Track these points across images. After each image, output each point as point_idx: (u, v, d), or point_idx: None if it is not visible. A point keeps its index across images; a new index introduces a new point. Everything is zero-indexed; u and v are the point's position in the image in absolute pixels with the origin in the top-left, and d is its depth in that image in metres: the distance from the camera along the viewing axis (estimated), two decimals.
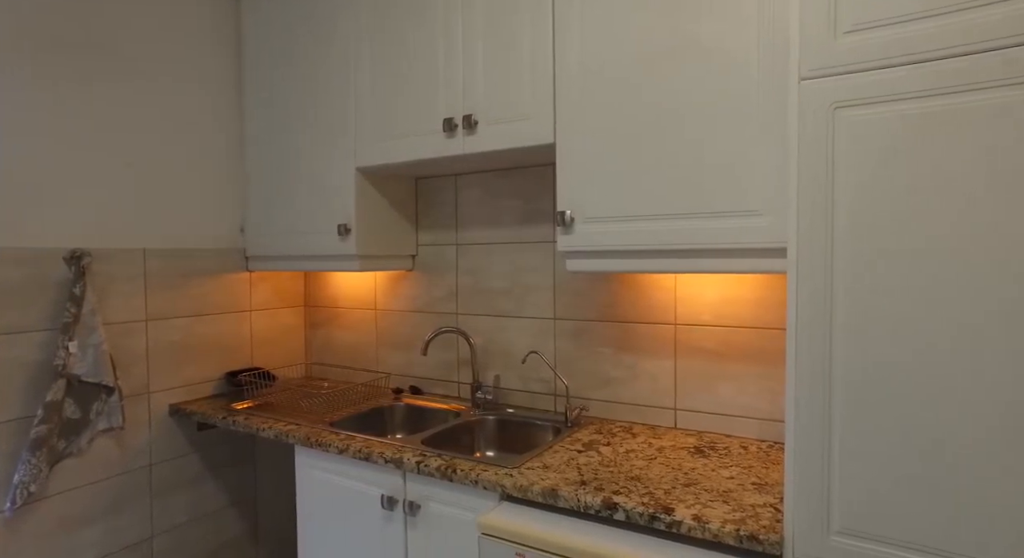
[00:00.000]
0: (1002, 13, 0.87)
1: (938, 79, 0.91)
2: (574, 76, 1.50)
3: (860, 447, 0.97)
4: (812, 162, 1.00)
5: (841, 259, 0.98)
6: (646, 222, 1.41)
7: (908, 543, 0.94)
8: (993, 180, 0.87)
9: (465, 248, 2.09)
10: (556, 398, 1.91)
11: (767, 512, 1.15)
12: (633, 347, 1.77)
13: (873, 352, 0.96)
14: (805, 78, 1.01)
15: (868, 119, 0.96)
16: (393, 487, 1.52)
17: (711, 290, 1.65)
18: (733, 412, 1.63)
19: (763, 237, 1.27)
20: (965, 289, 0.89)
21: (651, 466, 1.40)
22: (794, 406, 1.03)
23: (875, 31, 0.95)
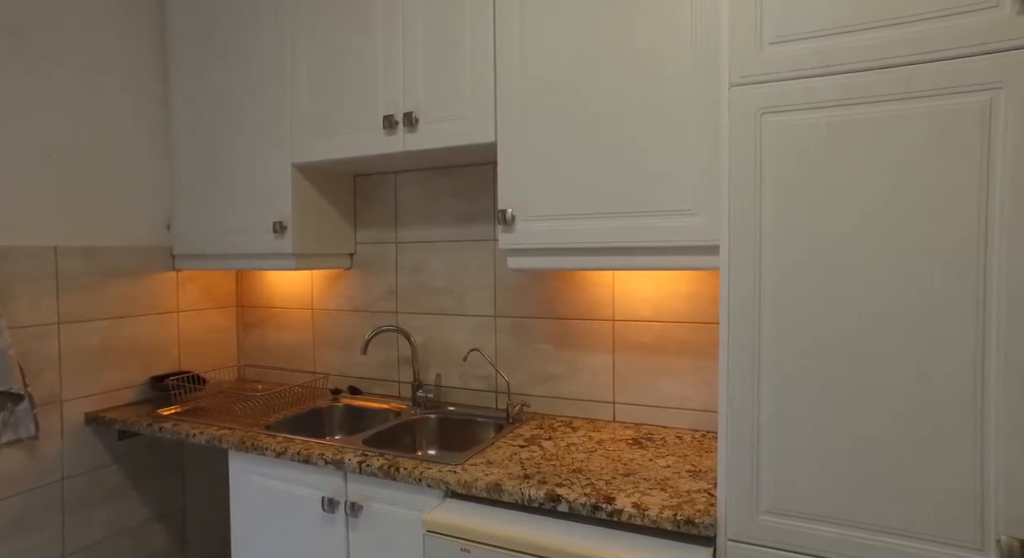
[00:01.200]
0: (904, 34, 0.95)
1: (849, 90, 0.98)
2: (514, 76, 1.52)
3: (784, 433, 1.04)
4: (742, 164, 1.06)
5: (768, 256, 1.05)
6: (586, 220, 1.44)
7: (824, 517, 1.01)
8: (899, 183, 0.95)
9: (405, 246, 2.07)
10: (498, 395, 1.92)
11: (702, 497, 1.20)
12: (573, 343, 1.81)
13: (795, 343, 1.03)
14: (734, 85, 1.07)
15: (790, 125, 1.02)
16: (334, 489, 1.49)
17: (648, 286, 1.71)
18: (669, 404, 1.70)
19: (697, 235, 1.33)
20: (876, 284, 0.97)
21: (592, 458, 1.44)
22: (726, 396, 1.08)
23: (796, 43, 1.02)
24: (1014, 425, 0.90)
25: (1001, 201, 0.90)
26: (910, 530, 0.96)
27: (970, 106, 0.91)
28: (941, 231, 0.93)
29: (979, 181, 0.91)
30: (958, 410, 0.93)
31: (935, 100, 0.93)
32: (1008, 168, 0.89)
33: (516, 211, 1.53)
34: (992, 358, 0.91)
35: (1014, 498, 0.90)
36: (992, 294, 0.91)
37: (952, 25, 0.92)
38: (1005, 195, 0.89)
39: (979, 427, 0.92)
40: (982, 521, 0.92)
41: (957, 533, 0.93)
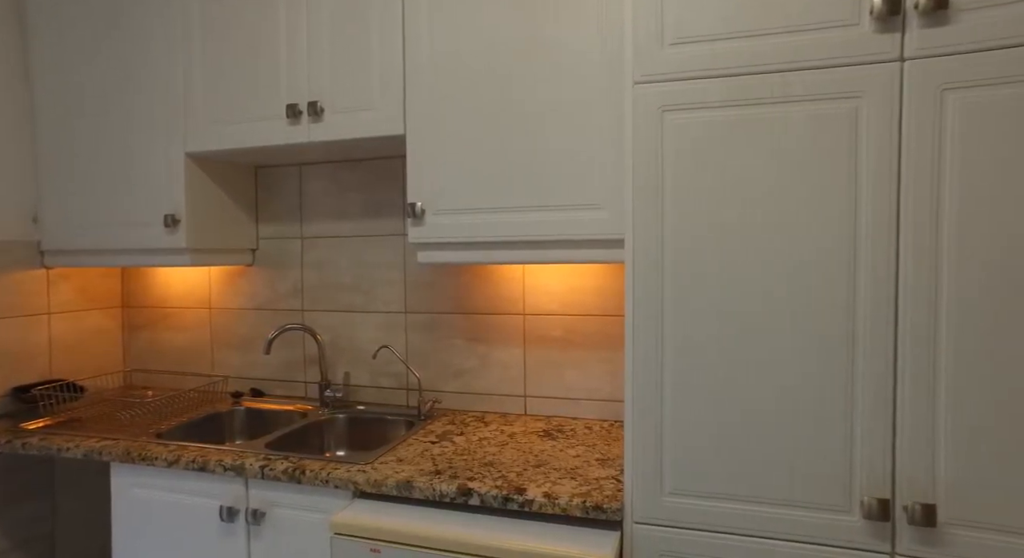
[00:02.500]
0: (784, 42, 1.03)
1: (738, 92, 1.05)
2: (424, 68, 1.50)
3: (685, 416, 1.09)
4: (645, 160, 1.10)
5: (670, 249, 1.09)
6: (495, 214, 1.45)
7: (721, 494, 1.08)
8: (783, 178, 1.03)
9: (311, 241, 1.99)
10: (409, 392, 1.89)
11: (610, 484, 1.24)
12: (484, 338, 1.81)
13: (695, 330, 1.08)
14: (638, 82, 1.11)
15: (687, 123, 1.08)
16: (234, 496, 1.41)
17: (557, 280, 1.74)
18: (579, 396, 1.74)
19: (603, 229, 1.37)
20: (765, 271, 1.04)
21: (503, 451, 1.45)
22: (632, 384, 1.13)
23: (692, 45, 1.08)
24: (877, 395, 0.99)
25: (867, 195, 0.99)
26: (792, 499, 1.04)
27: (839, 111, 1.00)
28: (819, 222, 1.02)
29: (849, 178, 1.00)
30: (834, 382, 1.02)
31: (810, 104, 1.01)
32: (872, 167, 0.99)
33: (426, 205, 1.51)
34: (860, 335, 1.00)
35: (875, 462, 1.00)
36: (860, 278, 1.00)
37: (823, 37, 1.01)
38: (870, 190, 0.99)
39: (851, 397, 1.01)
40: (850, 485, 1.01)
41: (830, 498, 1.02)
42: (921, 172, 0.97)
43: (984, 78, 0.94)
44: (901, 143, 0.98)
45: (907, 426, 0.99)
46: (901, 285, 0.98)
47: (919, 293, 0.97)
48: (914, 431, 0.98)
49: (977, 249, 0.95)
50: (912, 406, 0.98)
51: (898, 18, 0.98)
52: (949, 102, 0.96)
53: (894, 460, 0.99)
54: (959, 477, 0.97)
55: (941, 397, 0.97)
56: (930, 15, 0.96)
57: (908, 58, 0.97)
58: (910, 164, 0.97)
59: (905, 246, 0.98)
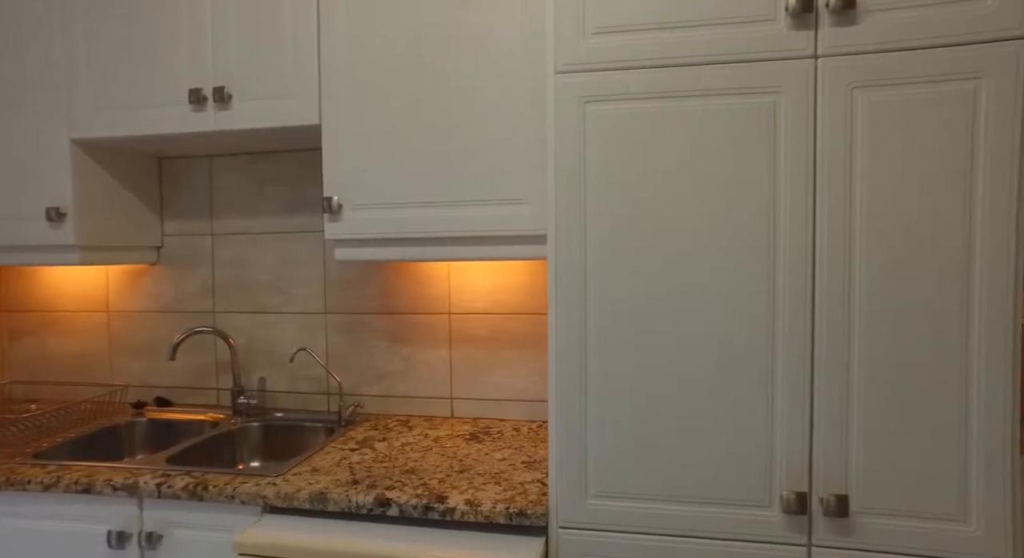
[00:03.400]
0: (704, 36, 1.02)
1: (660, 84, 1.03)
2: (340, 55, 1.41)
3: (608, 417, 1.07)
4: (567, 152, 1.07)
5: (593, 245, 1.07)
6: (417, 209, 1.38)
7: (647, 495, 1.06)
8: (704, 171, 1.02)
9: (224, 238, 1.86)
10: (329, 397, 1.79)
11: (535, 487, 1.20)
12: (409, 338, 1.74)
13: (616, 328, 1.06)
14: (560, 72, 1.07)
15: (609, 113, 1.05)
16: (125, 520, 1.27)
17: (483, 278, 1.70)
18: (506, 397, 1.70)
19: (528, 224, 1.33)
20: (689, 265, 1.03)
21: (427, 457, 1.39)
22: (555, 385, 1.09)
23: (614, 36, 1.05)
24: (795, 390, 1.00)
25: (785, 190, 0.99)
26: (716, 497, 1.03)
27: (758, 106, 1.00)
28: (740, 216, 1.01)
29: (768, 172, 1.00)
30: (755, 377, 1.02)
31: (730, 98, 1.01)
32: (789, 162, 0.99)
33: (343, 199, 1.42)
34: (779, 329, 1.00)
35: (793, 456, 1.00)
36: (779, 272, 1.00)
37: (741, 32, 1.01)
38: (788, 185, 0.99)
39: (771, 394, 1.01)
40: (770, 480, 1.01)
41: (752, 494, 1.02)
42: (835, 168, 0.98)
43: (888, 78, 0.96)
44: (816, 139, 0.99)
45: (823, 419, 1.00)
46: (817, 280, 0.99)
47: (833, 286, 0.99)
48: (830, 424, 0.99)
49: (884, 243, 0.97)
50: (827, 399, 0.99)
51: (811, 15, 0.98)
52: (859, 99, 0.97)
53: (811, 454, 1.00)
54: (869, 467, 0.98)
55: (855, 389, 0.99)
56: (840, 14, 0.97)
57: (821, 55, 0.98)
58: (824, 160, 0.98)
59: (821, 243, 0.99)
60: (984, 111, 0.93)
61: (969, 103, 0.94)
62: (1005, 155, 0.93)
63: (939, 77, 0.95)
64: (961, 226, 0.95)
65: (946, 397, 0.96)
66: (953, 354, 0.96)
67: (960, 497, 0.96)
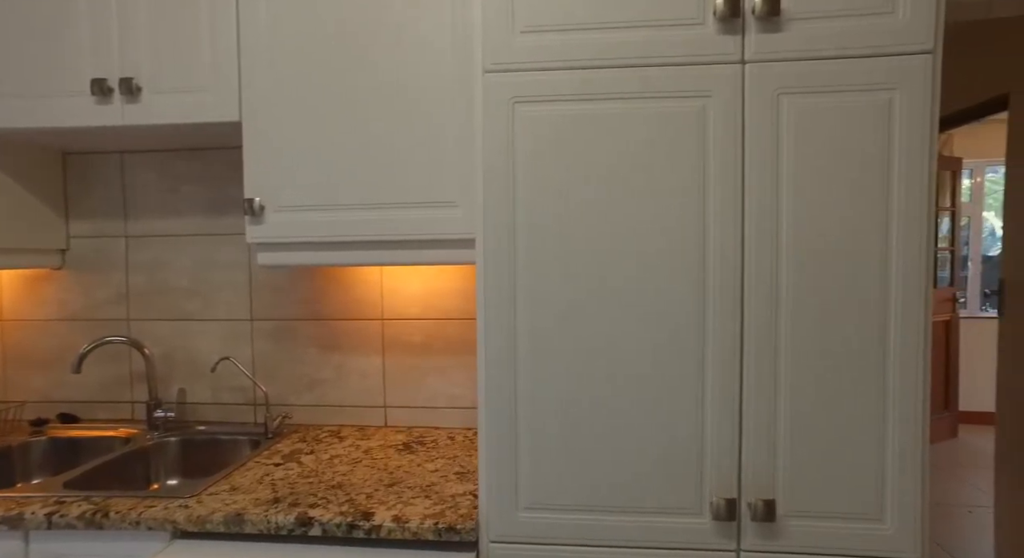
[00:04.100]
0: (636, 37, 1.00)
1: (591, 85, 1.01)
2: (261, 49, 1.33)
3: (539, 426, 1.04)
4: (496, 153, 1.04)
5: (522, 248, 1.03)
6: (345, 212, 1.32)
7: (580, 506, 1.04)
8: (633, 176, 1.00)
9: (140, 241, 1.73)
10: (256, 408, 1.70)
11: (466, 500, 1.16)
12: (340, 345, 1.67)
13: (549, 332, 1.03)
14: (488, 71, 1.04)
15: (539, 115, 1.02)
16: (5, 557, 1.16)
17: (417, 283, 1.64)
18: (441, 404, 1.65)
19: (461, 227, 1.29)
20: (621, 270, 1.01)
21: (356, 470, 1.32)
22: (485, 392, 1.05)
23: (544, 35, 1.02)
24: (725, 396, 1.00)
25: (715, 194, 0.99)
26: (647, 506, 1.02)
27: (689, 110, 0.99)
28: (671, 220, 1.00)
29: (698, 175, 0.99)
30: (685, 385, 1.01)
31: (661, 101, 1.00)
32: (718, 167, 0.99)
33: (266, 201, 1.34)
34: (710, 336, 1.00)
35: (723, 464, 1.00)
36: (709, 278, 1.00)
37: (672, 35, 1.00)
38: (717, 189, 0.99)
39: (700, 402, 1.01)
40: (701, 488, 1.01)
41: (683, 502, 1.01)
42: (763, 173, 0.98)
43: (811, 85, 0.97)
44: (744, 143, 0.99)
45: (752, 426, 1.00)
46: (746, 285, 0.99)
47: (761, 292, 0.99)
48: (758, 431, 1.00)
49: (808, 247, 0.98)
50: (756, 406, 1.00)
51: (738, 21, 0.98)
52: (784, 105, 0.98)
53: (740, 461, 1.00)
54: (795, 471, 0.99)
55: (782, 395, 0.99)
56: (766, 20, 0.98)
57: (749, 61, 0.98)
58: (753, 164, 0.99)
59: (749, 248, 0.99)
60: (899, 120, 0.95)
61: (885, 112, 0.96)
62: (918, 163, 0.96)
63: (857, 86, 0.96)
64: (879, 231, 0.97)
65: (866, 399, 0.98)
66: (873, 357, 0.98)
67: (877, 497, 0.98)
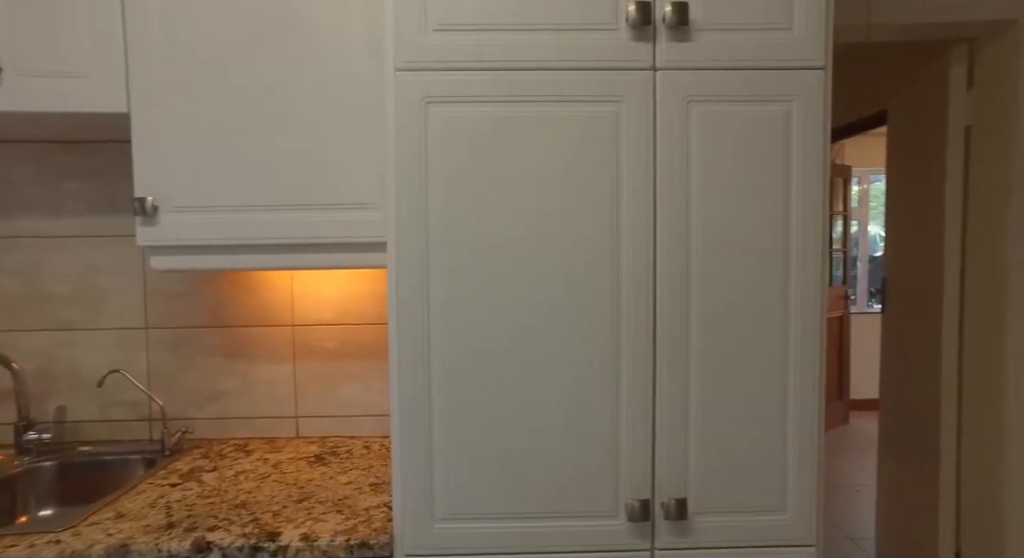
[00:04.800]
0: (551, 40, 1.00)
1: (507, 87, 1.00)
2: (151, 33, 1.22)
3: (455, 433, 1.02)
4: (408, 155, 1.00)
5: (436, 251, 1.00)
6: (250, 213, 1.24)
7: (494, 514, 1.02)
8: (548, 180, 1.00)
9: (10, 242, 1.56)
10: (151, 423, 1.57)
11: (380, 513, 1.12)
12: (247, 353, 1.57)
13: (462, 341, 1.01)
14: (400, 69, 1.00)
15: (454, 117, 1.00)
16: None
17: (331, 287, 1.57)
18: (357, 412, 1.59)
19: (375, 230, 1.24)
20: (534, 276, 1.01)
21: (263, 486, 1.25)
22: (398, 400, 1.02)
23: (459, 34, 1.00)
24: (639, 401, 1.01)
25: (628, 198, 1.00)
26: (565, 511, 1.02)
27: (603, 115, 1.00)
28: (586, 225, 1.00)
29: (611, 180, 1.00)
30: (601, 389, 1.01)
31: (576, 106, 1.00)
32: (631, 172, 1.00)
33: (160, 200, 1.24)
34: (624, 341, 1.01)
35: (637, 465, 1.02)
36: (623, 282, 1.01)
37: (586, 39, 1.00)
38: (630, 194, 1.00)
39: (615, 406, 1.02)
40: (616, 490, 1.02)
41: (599, 505, 1.02)
42: (673, 179, 1.00)
43: (718, 94, 1.00)
44: (656, 149, 1.00)
45: (665, 428, 1.02)
46: (658, 290, 1.01)
47: (674, 296, 1.01)
48: (670, 432, 1.02)
49: (716, 252, 1.01)
50: (668, 408, 1.02)
51: (650, 28, 1.00)
52: (694, 113, 1.00)
53: (654, 462, 1.02)
54: (705, 469, 1.02)
55: (693, 396, 1.02)
56: (676, 29, 1.00)
57: (660, 68, 1.00)
58: (664, 170, 1.00)
59: (661, 253, 1.01)
60: (796, 130, 1.00)
61: (784, 122, 1.01)
62: (814, 171, 1.01)
63: (760, 97, 1.00)
64: (780, 235, 1.01)
65: (769, 399, 1.02)
66: (775, 356, 1.02)
67: (779, 489, 1.03)
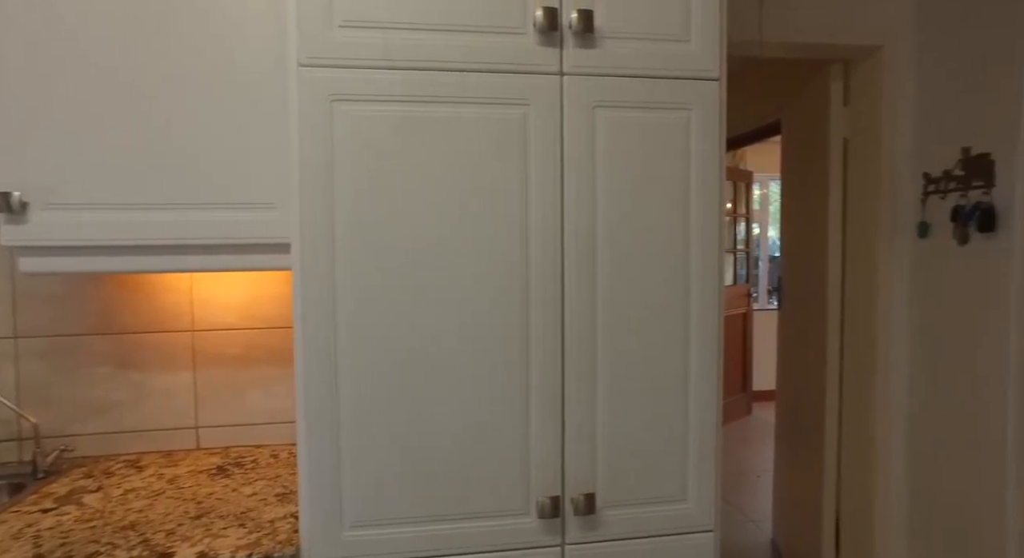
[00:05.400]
0: (460, 41, 1.00)
1: (414, 87, 0.98)
2: (17, 12, 1.11)
3: (364, 438, 0.99)
4: (313, 153, 0.97)
5: (343, 254, 0.98)
6: (137, 212, 1.15)
7: (406, 518, 1.01)
8: (458, 182, 1.00)
9: None
10: (22, 443, 1.43)
11: (286, 524, 1.08)
12: (140, 362, 1.46)
13: (372, 343, 0.99)
14: (303, 65, 0.97)
15: (362, 116, 0.97)
16: None
17: (236, 289, 1.49)
18: (264, 420, 1.52)
19: (278, 231, 1.18)
20: (442, 278, 1.00)
21: (156, 504, 1.16)
22: (304, 405, 0.98)
23: (366, 31, 0.97)
24: (548, 399, 1.04)
25: (536, 201, 1.02)
26: (477, 511, 1.02)
27: (511, 117, 1.01)
28: (495, 227, 1.01)
29: (520, 183, 1.01)
30: (511, 391, 1.03)
31: (485, 107, 1.00)
32: (539, 175, 1.02)
33: (30, 196, 1.12)
34: (534, 342, 1.03)
35: (548, 463, 1.04)
36: (532, 283, 1.02)
37: (495, 42, 1.00)
38: (538, 197, 1.02)
39: (526, 404, 1.03)
40: (527, 489, 1.04)
41: (511, 504, 1.03)
42: (580, 183, 1.03)
43: (623, 101, 1.04)
44: (563, 153, 1.03)
45: (574, 425, 1.04)
46: (566, 292, 1.03)
47: (582, 298, 1.04)
48: (579, 429, 1.04)
49: (621, 255, 1.05)
50: (577, 405, 1.04)
51: (557, 34, 1.02)
52: (599, 118, 1.03)
53: (563, 459, 1.04)
54: (612, 464, 1.06)
55: (600, 394, 1.05)
56: (582, 36, 1.02)
57: (567, 73, 1.02)
58: (571, 174, 1.03)
59: (568, 256, 1.03)
60: (694, 137, 1.06)
61: (685, 129, 1.06)
62: (711, 176, 1.07)
63: (662, 104, 1.05)
64: (681, 239, 1.06)
65: (672, 393, 1.07)
66: (677, 355, 1.07)
67: (681, 480, 1.08)
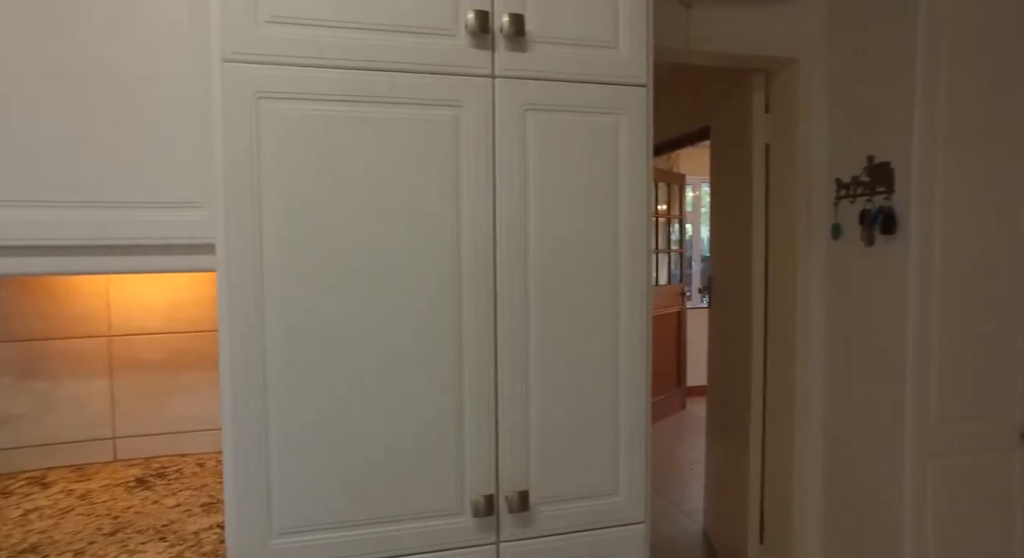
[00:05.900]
0: (391, 41, 0.99)
1: (344, 86, 0.97)
2: None
3: (293, 442, 0.97)
4: (238, 152, 0.94)
5: (270, 253, 0.95)
6: (44, 209, 1.08)
7: (342, 522, 1.00)
8: (390, 183, 0.99)
9: None
10: None
11: (212, 535, 1.04)
12: (47, 371, 1.37)
13: (301, 347, 0.97)
14: (228, 60, 0.94)
15: (289, 114, 0.96)
16: None
17: (159, 291, 1.42)
18: (189, 427, 1.46)
19: (203, 230, 1.14)
20: (373, 281, 0.99)
21: (64, 522, 1.10)
22: (230, 410, 0.95)
23: (294, 27, 0.96)
24: (483, 399, 1.05)
25: (468, 205, 1.03)
26: (412, 512, 1.02)
27: (443, 119, 1.01)
28: (425, 226, 1.01)
29: (452, 186, 1.02)
30: (445, 390, 1.03)
31: (416, 108, 1.00)
32: (471, 177, 1.03)
33: None
34: (467, 344, 1.04)
35: (482, 463, 1.05)
36: (464, 284, 1.03)
37: (426, 43, 1.00)
38: (470, 201, 1.03)
39: (460, 405, 1.04)
40: (462, 488, 1.04)
41: (446, 504, 1.04)
42: (512, 186, 1.04)
43: (553, 104, 1.06)
44: (495, 155, 1.04)
45: (507, 425, 1.06)
46: (499, 293, 1.04)
47: (514, 299, 1.05)
48: (513, 429, 1.06)
49: (551, 256, 1.07)
50: (510, 405, 1.06)
51: (488, 37, 1.03)
52: (530, 122, 1.05)
53: (497, 458, 1.05)
54: (545, 462, 1.08)
55: (533, 391, 1.07)
56: (513, 39, 1.04)
57: (499, 76, 1.04)
58: (503, 177, 1.04)
59: (501, 257, 1.04)
60: (623, 141, 1.09)
61: (613, 133, 1.09)
62: (639, 179, 1.10)
63: (591, 109, 1.08)
64: (610, 240, 1.10)
65: (603, 392, 1.10)
66: (607, 352, 1.10)
67: (613, 475, 1.11)
